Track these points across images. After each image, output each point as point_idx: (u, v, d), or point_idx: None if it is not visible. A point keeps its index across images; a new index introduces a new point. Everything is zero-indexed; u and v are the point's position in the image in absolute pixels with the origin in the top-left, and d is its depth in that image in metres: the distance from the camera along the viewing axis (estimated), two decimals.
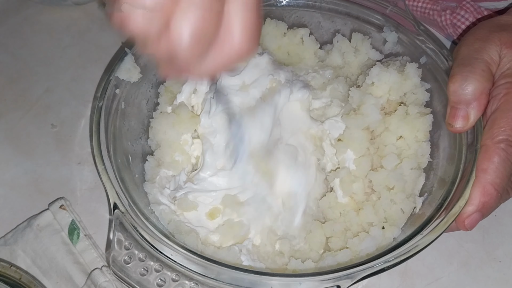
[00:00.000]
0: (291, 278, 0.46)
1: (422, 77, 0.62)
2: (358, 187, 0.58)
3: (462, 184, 0.50)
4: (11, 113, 0.74)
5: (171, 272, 0.46)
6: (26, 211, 0.63)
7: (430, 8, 0.78)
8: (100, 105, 0.56)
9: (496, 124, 0.50)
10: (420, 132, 0.59)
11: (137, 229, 0.48)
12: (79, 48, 0.81)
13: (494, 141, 0.50)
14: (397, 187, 0.56)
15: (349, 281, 0.45)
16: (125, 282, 0.47)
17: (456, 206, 0.49)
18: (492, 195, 0.49)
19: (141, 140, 0.63)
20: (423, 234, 0.48)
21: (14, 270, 0.55)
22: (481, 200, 0.49)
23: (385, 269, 0.46)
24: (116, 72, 0.59)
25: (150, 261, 0.47)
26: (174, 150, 0.62)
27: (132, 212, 0.49)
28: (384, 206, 0.56)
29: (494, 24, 0.57)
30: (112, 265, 0.47)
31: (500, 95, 0.51)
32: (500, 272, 0.60)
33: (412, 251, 0.47)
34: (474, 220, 0.50)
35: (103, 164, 0.52)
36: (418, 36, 0.63)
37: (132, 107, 0.62)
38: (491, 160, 0.49)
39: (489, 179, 0.49)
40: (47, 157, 0.69)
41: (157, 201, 0.57)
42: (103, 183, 0.51)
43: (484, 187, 0.49)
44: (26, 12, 0.86)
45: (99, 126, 0.55)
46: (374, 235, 0.54)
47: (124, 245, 0.48)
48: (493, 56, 0.53)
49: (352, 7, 0.67)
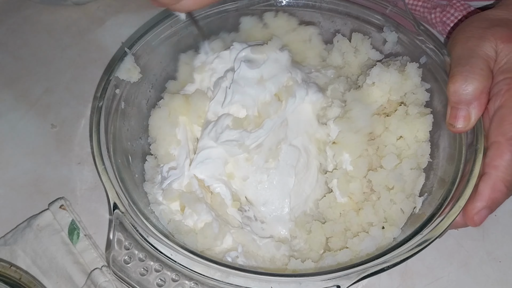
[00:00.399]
0: (291, 278, 0.46)
1: (422, 77, 0.62)
2: (355, 187, 0.58)
3: (462, 184, 0.50)
4: (11, 113, 0.74)
5: (171, 272, 0.46)
6: (26, 211, 0.63)
7: (421, 6, 0.79)
8: (100, 105, 0.56)
9: (507, 121, 0.50)
10: (420, 132, 0.59)
11: (137, 229, 0.48)
12: (79, 48, 0.81)
13: (506, 137, 0.50)
14: (397, 187, 0.56)
15: (348, 281, 0.45)
16: (125, 282, 0.47)
17: (456, 206, 0.49)
18: (502, 191, 0.49)
19: (141, 140, 0.63)
20: (423, 234, 0.48)
21: (14, 270, 0.55)
22: (491, 196, 0.49)
23: (385, 269, 0.46)
24: (116, 72, 0.59)
25: (150, 261, 0.47)
26: (169, 143, 0.62)
27: (132, 212, 0.49)
28: (384, 206, 0.56)
29: (484, 20, 0.56)
30: (112, 265, 0.47)
31: (502, 91, 0.51)
32: (500, 272, 0.60)
33: (412, 251, 0.47)
34: (483, 215, 0.49)
35: (103, 164, 0.52)
36: (418, 36, 0.63)
37: (132, 107, 0.62)
38: (502, 157, 0.49)
39: (500, 176, 0.49)
40: (47, 157, 0.69)
41: (157, 201, 0.57)
42: (103, 183, 0.51)
43: (494, 184, 0.49)
44: (26, 12, 0.86)
45: (99, 126, 0.55)
46: (374, 235, 0.54)
47: (124, 245, 0.48)
48: (489, 52, 0.53)
49: (352, 7, 0.67)
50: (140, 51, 0.62)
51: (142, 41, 0.63)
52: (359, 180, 0.59)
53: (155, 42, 0.64)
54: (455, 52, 0.55)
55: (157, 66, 0.66)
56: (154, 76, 0.66)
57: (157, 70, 0.66)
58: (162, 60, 0.66)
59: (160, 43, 0.64)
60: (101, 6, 0.87)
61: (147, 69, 0.63)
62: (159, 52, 0.65)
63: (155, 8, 0.84)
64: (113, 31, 0.83)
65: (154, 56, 0.64)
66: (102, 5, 0.87)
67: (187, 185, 0.57)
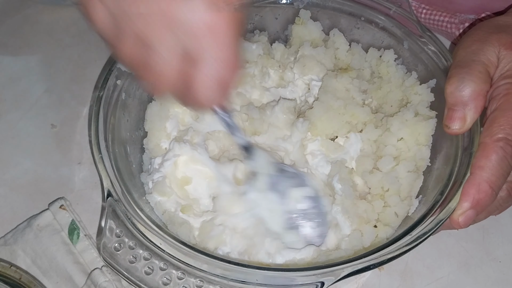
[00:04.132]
0: (276, 272, 0.46)
1: (424, 79, 0.62)
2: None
3: (455, 187, 0.50)
4: (11, 113, 0.74)
5: (159, 261, 0.47)
6: (26, 211, 0.63)
7: (448, 22, 0.76)
8: (100, 95, 0.57)
9: (496, 122, 0.50)
10: (421, 135, 0.59)
11: (129, 217, 0.48)
12: (79, 48, 0.81)
13: (493, 139, 0.50)
14: (392, 190, 0.56)
15: (332, 278, 0.45)
16: (114, 269, 0.47)
17: (446, 208, 0.49)
18: (487, 192, 0.48)
19: (140, 131, 0.63)
20: (411, 235, 0.48)
21: (14, 270, 0.55)
22: (476, 197, 0.48)
23: (371, 268, 0.46)
24: (118, 63, 0.59)
25: (139, 249, 0.48)
26: (159, 137, 0.62)
27: (125, 201, 0.50)
28: (377, 209, 0.56)
29: (493, 25, 0.56)
30: (103, 252, 0.48)
31: (500, 95, 0.51)
32: (500, 272, 0.60)
33: (399, 251, 0.47)
34: (468, 217, 0.49)
35: (99, 153, 0.52)
36: (421, 38, 0.62)
37: (133, 98, 0.62)
38: (488, 158, 0.49)
39: (485, 176, 0.49)
40: (47, 157, 0.69)
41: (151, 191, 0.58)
42: (99, 172, 0.51)
43: (479, 184, 0.48)
44: (26, 12, 0.86)
45: (98, 115, 0.55)
46: (365, 232, 0.54)
47: (115, 232, 0.48)
48: (491, 57, 0.52)
49: (356, 6, 0.67)
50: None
51: None
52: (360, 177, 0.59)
53: None
54: (458, 55, 0.54)
55: None
56: None
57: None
58: None
59: None
60: None
61: None
62: None
63: None
64: None
65: None
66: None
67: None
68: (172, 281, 0.46)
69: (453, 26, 0.76)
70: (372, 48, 0.67)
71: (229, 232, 0.55)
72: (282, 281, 0.46)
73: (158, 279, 0.46)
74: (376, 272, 0.60)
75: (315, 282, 0.45)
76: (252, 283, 0.45)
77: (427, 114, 0.59)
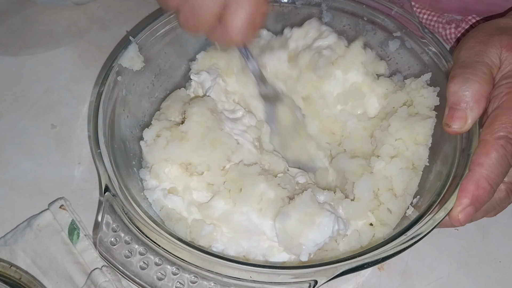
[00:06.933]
0: (270, 269, 0.46)
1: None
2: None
3: (452, 188, 0.50)
4: (11, 113, 0.74)
5: (154, 256, 0.47)
6: (26, 211, 0.63)
7: (436, 21, 0.79)
8: (101, 91, 0.57)
9: (498, 120, 0.50)
10: (420, 135, 0.58)
11: (126, 212, 0.49)
12: (79, 48, 0.82)
13: (494, 136, 0.50)
14: (382, 187, 0.56)
15: (325, 277, 0.45)
16: (109, 263, 0.48)
17: (443, 208, 0.49)
18: (486, 189, 0.49)
19: (140, 128, 0.63)
20: (407, 235, 0.48)
21: (14, 270, 0.55)
22: (475, 193, 0.48)
23: (365, 267, 0.46)
24: (119, 60, 0.59)
25: (135, 244, 0.48)
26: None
27: (122, 196, 0.50)
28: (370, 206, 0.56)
29: (494, 27, 0.56)
30: (99, 246, 0.48)
31: (502, 94, 0.51)
32: (500, 272, 0.60)
33: (393, 251, 0.47)
34: (468, 214, 0.49)
35: (98, 149, 0.52)
36: (422, 39, 0.62)
37: (134, 95, 0.62)
38: (488, 155, 0.49)
39: (484, 173, 0.49)
40: (47, 157, 0.69)
41: (150, 187, 0.58)
42: (97, 167, 0.51)
43: (478, 181, 0.49)
44: (26, 12, 0.86)
45: (98, 111, 0.55)
46: (359, 230, 0.54)
47: (112, 227, 0.49)
48: (493, 59, 0.53)
49: (358, 7, 0.67)
50: (144, 40, 0.62)
51: (147, 30, 0.63)
52: None
53: (159, 32, 0.64)
54: (461, 56, 0.55)
55: (160, 56, 0.66)
56: (158, 66, 0.66)
57: (160, 60, 0.66)
58: (167, 50, 0.66)
59: (165, 34, 0.64)
60: (101, 6, 0.87)
61: (150, 58, 0.63)
62: (163, 42, 0.65)
63: (156, 9, 0.84)
64: (113, 31, 0.83)
65: (158, 46, 0.64)
66: (102, 5, 0.88)
67: None
68: (166, 276, 0.47)
69: (440, 25, 0.79)
70: None
71: (219, 230, 0.55)
72: (275, 279, 0.46)
73: (153, 274, 0.47)
74: (376, 272, 0.60)
75: (308, 280, 0.45)
76: (246, 280, 0.46)
77: (426, 114, 0.59)
